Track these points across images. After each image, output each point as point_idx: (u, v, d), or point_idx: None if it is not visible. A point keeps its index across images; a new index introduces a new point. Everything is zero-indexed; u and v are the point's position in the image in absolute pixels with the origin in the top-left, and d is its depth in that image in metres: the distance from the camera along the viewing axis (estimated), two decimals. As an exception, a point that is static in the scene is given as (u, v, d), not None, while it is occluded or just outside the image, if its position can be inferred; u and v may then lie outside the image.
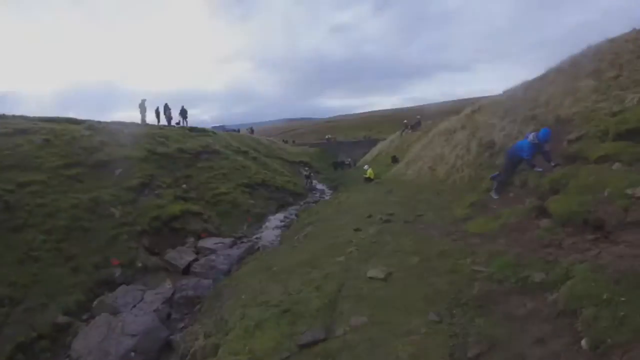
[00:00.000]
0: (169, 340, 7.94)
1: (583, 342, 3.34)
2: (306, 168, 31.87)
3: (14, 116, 17.95)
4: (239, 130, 44.01)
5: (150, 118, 27.01)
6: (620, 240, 4.76)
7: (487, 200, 9.15)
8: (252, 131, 45.83)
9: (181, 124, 29.26)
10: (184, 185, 18.27)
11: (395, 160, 24.69)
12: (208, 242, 14.31)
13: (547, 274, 4.54)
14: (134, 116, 27.33)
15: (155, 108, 27.96)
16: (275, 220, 19.28)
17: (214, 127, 37.74)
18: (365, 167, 25.20)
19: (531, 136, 8.44)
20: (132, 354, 7.54)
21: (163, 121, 27.65)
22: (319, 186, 30.87)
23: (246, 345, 4.89)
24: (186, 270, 12.23)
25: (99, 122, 20.95)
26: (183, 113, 29.70)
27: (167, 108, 28.07)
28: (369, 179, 22.03)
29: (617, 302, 3.43)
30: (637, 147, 6.92)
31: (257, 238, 16.17)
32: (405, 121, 35.51)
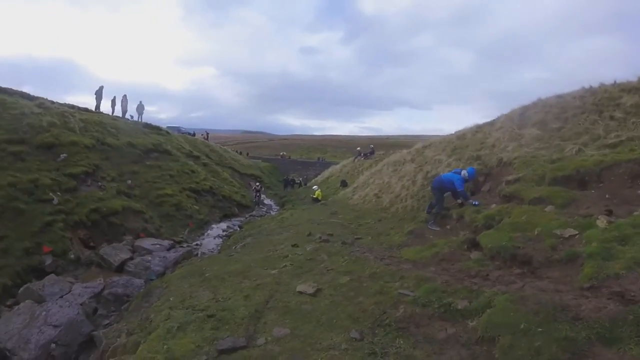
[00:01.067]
0: (92, 336, 7.55)
1: (499, 368, 3.33)
2: (257, 183, 31.43)
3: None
4: (194, 134, 42.90)
5: (105, 107, 26.16)
6: (545, 276, 4.89)
7: (425, 230, 9.30)
8: (207, 136, 44.73)
9: (135, 118, 28.33)
10: (129, 181, 17.63)
11: (344, 184, 24.93)
12: (145, 242, 13.91)
13: (470, 302, 4.58)
14: (88, 102, 26.26)
15: (112, 97, 27.12)
16: (218, 229, 18.95)
17: (169, 127, 36.82)
18: (315, 187, 25.29)
19: (463, 172, 9.38)
20: (53, 345, 7.25)
21: (117, 112, 26.67)
22: (267, 201, 30.68)
23: (165, 345, 4.72)
24: (120, 268, 11.83)
25: (52, 102, 19.99)
26: (140, 109, 28.86)
27: (124, 99, 27.15)
28: (316, 200, 22.13)
29: (534, 332, 3.45)
30: (570, 192, 7.26)
31: (197, 244, 15.85)
32: (359, 148, 36.23)
